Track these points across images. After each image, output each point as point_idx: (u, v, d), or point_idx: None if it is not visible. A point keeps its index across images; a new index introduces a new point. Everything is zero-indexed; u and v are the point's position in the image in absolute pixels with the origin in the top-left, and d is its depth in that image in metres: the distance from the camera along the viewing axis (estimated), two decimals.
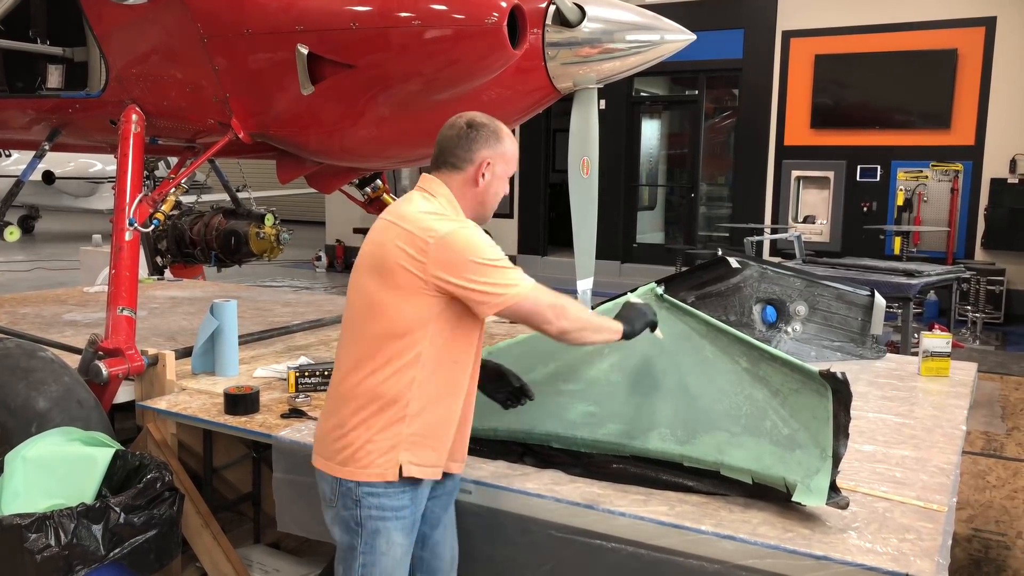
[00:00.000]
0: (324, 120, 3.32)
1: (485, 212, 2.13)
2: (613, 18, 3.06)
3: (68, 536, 2.15)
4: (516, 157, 2.14)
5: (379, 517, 1.97)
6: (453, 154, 2.06)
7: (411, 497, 2.00)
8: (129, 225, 3.28)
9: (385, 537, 1.97)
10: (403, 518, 1.99)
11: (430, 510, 2.13)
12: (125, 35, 3.61)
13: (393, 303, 1.95)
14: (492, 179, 2.09)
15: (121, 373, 2.97)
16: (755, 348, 2.29)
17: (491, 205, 2.13)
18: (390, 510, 1.97)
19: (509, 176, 2.14)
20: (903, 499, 2.20)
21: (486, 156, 2.06)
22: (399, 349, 1.95)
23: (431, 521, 2.14)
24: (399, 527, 1.99)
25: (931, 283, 5.88)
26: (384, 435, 1.96)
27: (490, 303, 1.95)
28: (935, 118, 9.41)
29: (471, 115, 2.11)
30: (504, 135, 2.10)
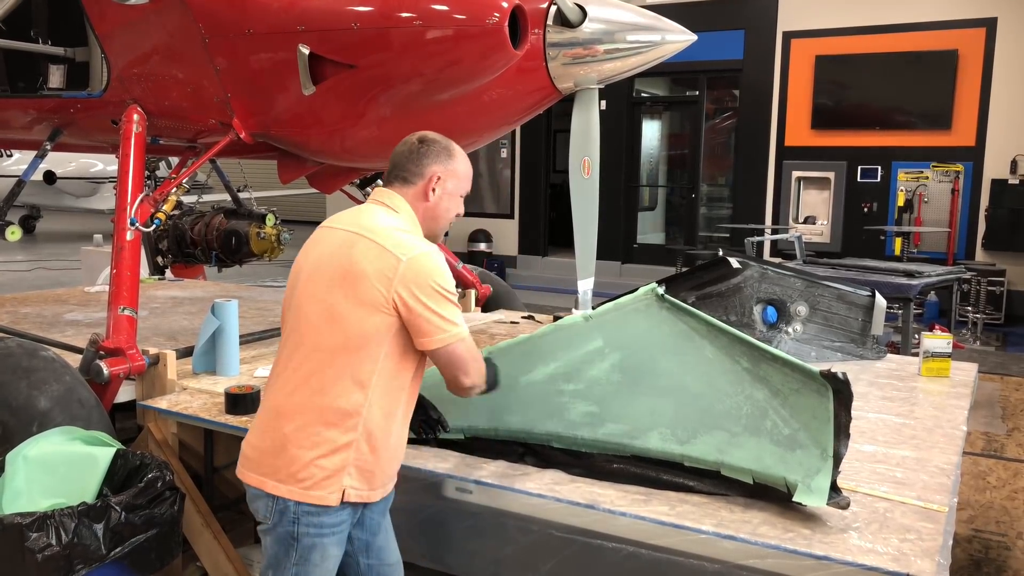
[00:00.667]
0: (325, 120, 3.32)
1: (436, 228, 2.14)
2: (614, 18, 3.06)
3: (69, 535, 2.15)
4: (469, 176, 2.16)
5: (316, 534, 1.94)
6: (405, 168, 2.09)
7: (350, 513, 2.00)
8: (130, 225, 3.28)
9: (320, 551, 1.96)
10: (339, 532, 1.99)
11: (369, 518, 2.11)
12: (126, 35, 3.61)
13: (355, 317, 1.91)
14: (443, 194, 2.10)
15: (122, 372, 2.97)
16: (756, 348, 2.29)
17: (443, 221, 2.14)
18: (328, 527, 1.95)
19: (461, 194, 2.15)
20: (904, 499, 2.20)
21: (436, 171, 2.08)
22: (353, 365, 1.91)
23: (371, 528, 2.12)
24: (335, 541, 1.98)
25: (931, 284, 5.88)
26: (329, 458, 1.92)
27: (433, 336, 1.93)
28: (936, 119, 9.41)
29: (424, 133, 2.14)
30: (455, 153, 2.12)
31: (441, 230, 2.16)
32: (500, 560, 2.26)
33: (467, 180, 2.16)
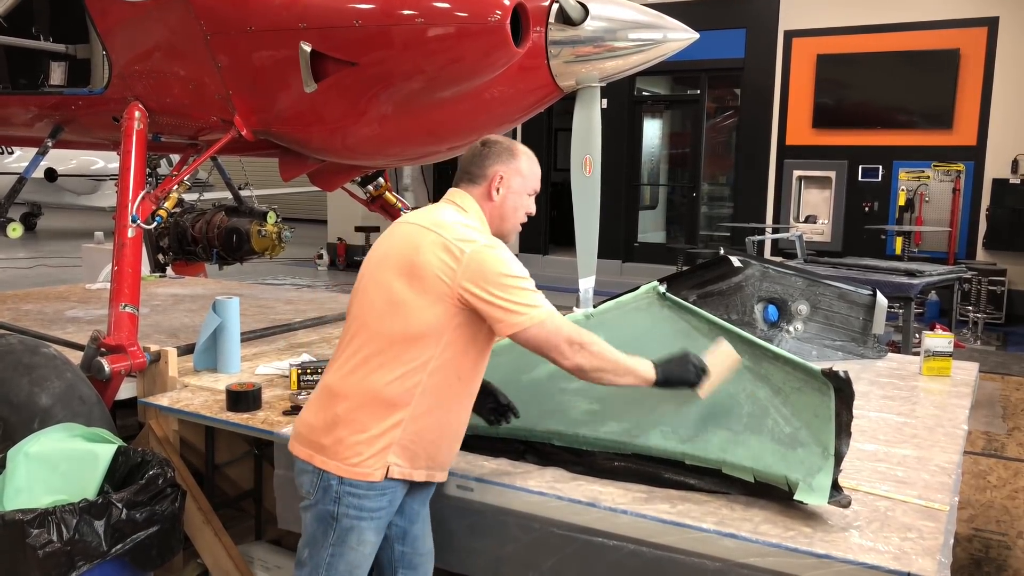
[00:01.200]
0: (327, 118, 3.32)
1: (505, 228, 2.18)
2: (616, 16, 3.05)
3: (70, 532, 2.15)
4: (535, 174, 2.19)
5: (356, 516, 1.99)
6: (468, 171, 2.16)
7: (390, 499, 2.03)
8: (132, 222, 3.28)
9: (357, 535, 2.00)
10: (379, 519, 2.02)
11: (409, 506, 2.15)
12: (128, 32, 3.61)
13: (416, 305, 1.97)
14: (508, 193, 2.14)
15: (123, 369, 2.97)
16: (757, 346, 2.29)
17: (511, 221, 2.18)
18: (367, 511, 2.00)
19: (529, 193, 2.19)
20: (905, 498, 2.20)
21: (499, 170, 2.13)
22: (411, 352, 1.98)
23: (410, 516, 2.17)
24: (373, 527, 2.02)
25: (932, 283, 5.88)
26: (379, 436, 1.98)
27: (509, 321, 1.97)
28: (937, 118, 9.40)
29: (488, 136, 2.22)
30: (519, 152, 2.17)
31: (511, 229, 2.19)
32: (501, 558, 2.26)
33: (533, 178, 2.19)
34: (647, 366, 2.08)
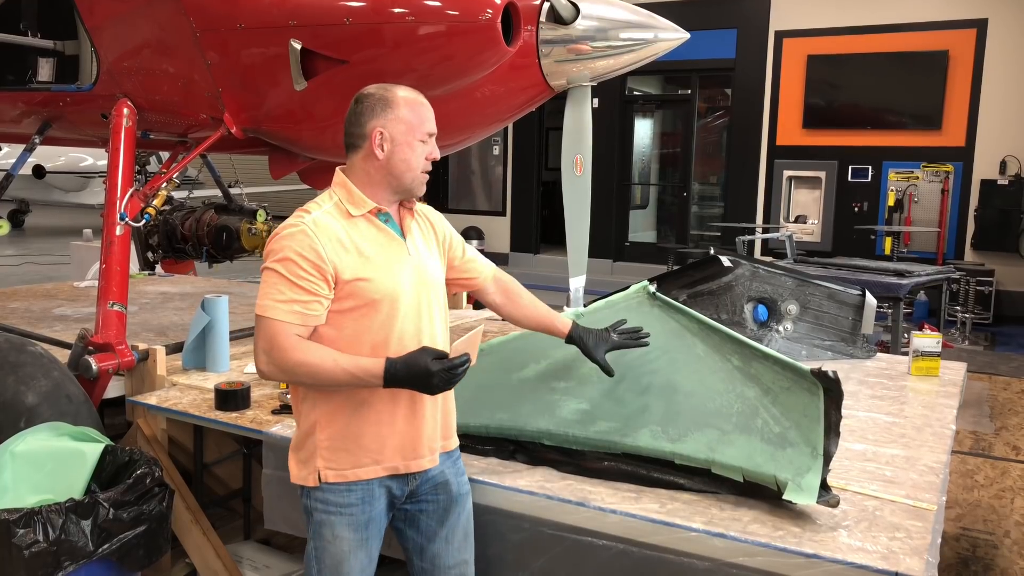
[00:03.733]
0: (317, 116, 3.31)
1: (404, 184, 2.01)
2: (607, 16, 3.05)
3: (56, 532, 2.14)
4: (423, 117, 2.00)
5: (323, 511, 2.00)
6: (350, 134, 2.02)
7: (361, 496, 1.99)
8: (120, 220, 3.26)
9: (330, 529, 1.99)
10: (350, 515, 1.99)
11: (422, 521, 2.11)
12: (117, 28, 3.59)
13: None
14: (393, 147, 1.97)
15: (111, 368, 2.96)
16: (746, 346, 2.30)
17: (407, 175, 2.00)
18: (335, 506, 1.99)
19: (420, 139, 1.99)
20: (893, 498, 2.21)
21: (376, 126, 1.97)
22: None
23: (425, 532, 2.11)
24: (346, 523, 1.99)
25: (921, 283, 5.91)
26: (307, 440, 2.00)
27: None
28: (926, 119, 9.45)
29: (362, 90, 2.03)
30: (396, 100, 1.98)
31: (411, 183, 2.02)
32: (490, 558, 2.26)
33: (421, 122, 2.00)
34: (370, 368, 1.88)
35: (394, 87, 2.03)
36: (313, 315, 1.91)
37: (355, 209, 1.99)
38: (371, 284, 1.94)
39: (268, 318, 1.89)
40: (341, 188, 2.03)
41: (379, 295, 1.95)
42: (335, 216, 1.98)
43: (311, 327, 1.93)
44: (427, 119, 2.03)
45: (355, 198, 2.00)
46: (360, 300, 1.94)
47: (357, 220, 1.99)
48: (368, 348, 1.95)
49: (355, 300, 1.94)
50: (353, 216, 1.99)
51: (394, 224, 2.06)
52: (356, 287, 1.94)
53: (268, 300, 1.90)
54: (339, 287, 1.93)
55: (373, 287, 1.95)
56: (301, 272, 1.89)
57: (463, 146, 3.92)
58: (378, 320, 1.96)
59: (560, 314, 2.34)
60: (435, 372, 1.85)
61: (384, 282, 1.96)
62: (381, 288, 1.96)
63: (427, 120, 2.02)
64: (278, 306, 1.89)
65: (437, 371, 1.85)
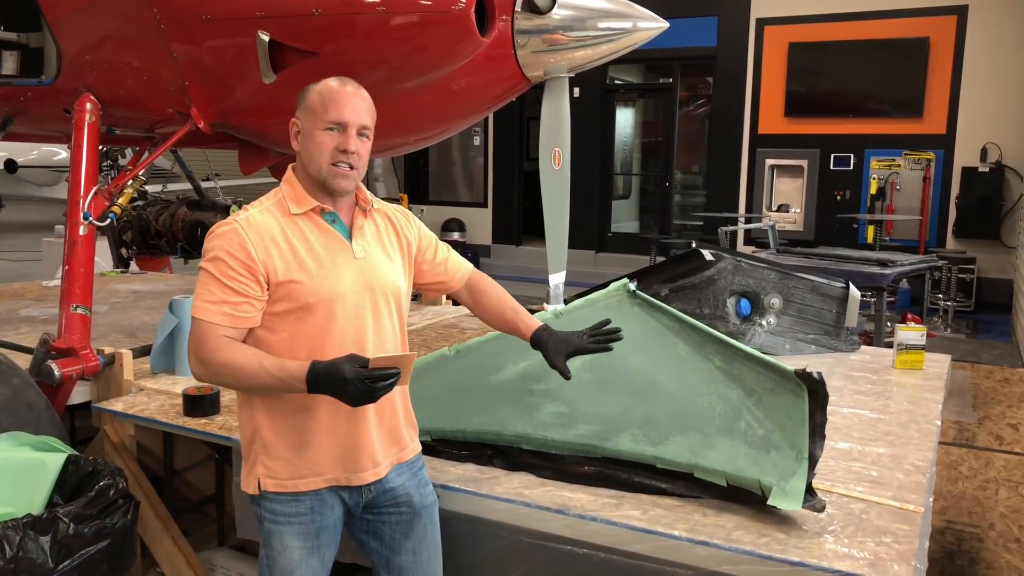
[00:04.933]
0: (287, 109, 3.13)
1: (317, 176, 1.89)
2: (584, 5, 2.98)
3: (13, 549, 2.04)
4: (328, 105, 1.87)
5: (272, 520, 1.93)
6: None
7: (310, 506, 1.93)
8: (84, 219, 3.15)
9: (279, 539, 1.92)
10: (300, 523, 1.92)
11: (385, 533, 2.03)
12: (78, 20, 3.47)
13: None
14: (303, 137, 1.91)
15: (75, 374, 2.86)
16: (729, 346, 2.24)
17: (311, 165, 1.89)
18: (282, 515, 1.92)
19: (324, 126, 1.87)
20: (879, 499, 2.15)
21: (294, 118, 1.95)
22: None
23: (390, 544, 2.03)
24: (294, 532, 1.92)
25: (904, 272, 5.88)
26: (248, 448, 1.95)
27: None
28: (908, 107, 9.44)
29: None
30: (309, 90, 1.92)
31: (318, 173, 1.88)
32: (468, 567, 2.19)
33: (325, 109, 1.87)
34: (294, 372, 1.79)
35: (326, 80, 1.94)
36: (244, 316, 1.84)
37: (296, 207, 1.91)
38: (304, 287, 1.85)
39: (198, 319, 1.84)
40: (287, 184, 1.95)
41: (313, 298, 1.86)
42: (274, 214, 1.90)
43: (243, 329, 1.85)
44: (334, 107, 1.88)
45: (298, 195, 1.92)
46: (294, 303, 1.86)
47: (298, 219, 1.90)
48: (304, 353, 1.85)
49: (289, 303, 1.86)
50: (294, 214, 1.90)
51: (341, 224, 1.95)
52: (290, 289, 1.85)
53: (199, 301, 1.85)
54: (273, 288, 1.85)
55: (306, 290, 1.86)
56: (231, 272, 1.82)
57: (440, 139, 3.84)
58: (315, 324, 1.87)
59: (529, 315, 2.25)
60: (350, 380, 1.73)
61: (320, 285, 1.87)
62: (316, 291, 1.86)
63: (333, 108, 1.88)
64: (208, 307, 1.83)
65: (352, 379, 1.73)
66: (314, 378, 1.77)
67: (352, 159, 1.89)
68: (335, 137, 1.88)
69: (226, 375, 1.83)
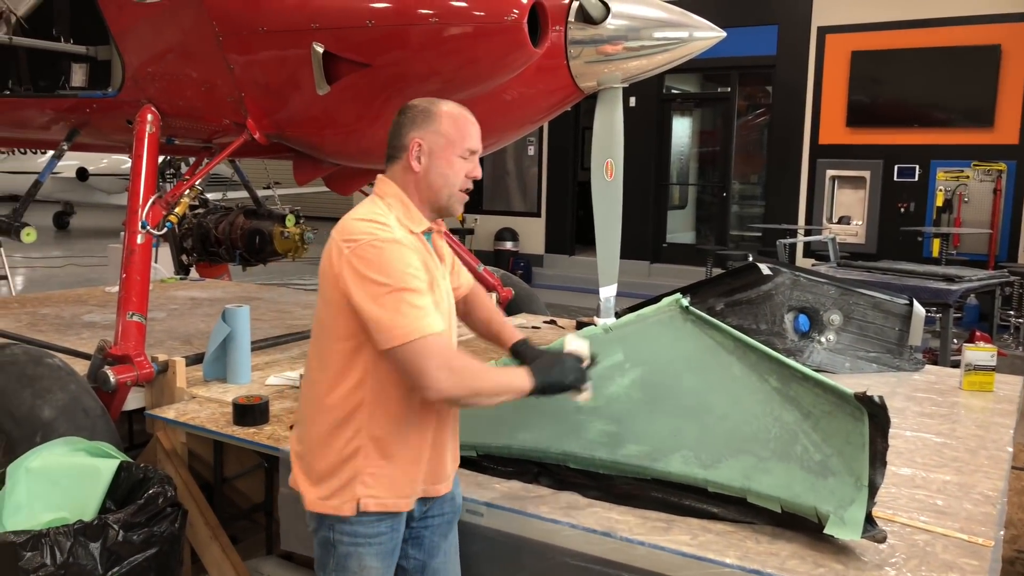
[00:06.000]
0: (340, 121, 3.23)
1: (440, 200, 1.91)
2: (639, 14, 2.93)
3: (64, 555, 2.08)
4: (465, 133, 1.90)
5: (351, 543, 1.88)
6: (391, 145, 1.93)
7: (389, 525, 1.90)
8: (142, 228, 3.21)
9: (357, 561, 1.88)
10: (379, 544, 1.89)
11: (427, 538, 2.03)
12: (141, 33, 3.56)
13: (329, 317, 1.84)
14: (430, 161, 1.87)
15: (129, 380, 2.90)
16: (786, 367, 2.15)
17: (443, 190, 1.90)
18: (363, 537, 1.88)
19: (460, 154, 1.89)
20: (945, 531, 2.05)
21: (415, 137, 1.88)
22: (342, 368, 1.83)
23: (428, 550, 2.03)
24: (373, 552, 1.89)
25: (972, 288, 5.65)
26: (341, 468, 1.85)
27: (377, 338, 1.74)
28: (977, 116, 9.12)
29: (409, 102, 1.96)
30: (439, 112, 1.89)
31: (448, 200, 1.91)
32: None
33: (462, 137, 1.89)
34: (521, 378, 1.86)
35: (440, 101, 1.95)
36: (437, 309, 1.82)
37: (414, 227, 1.88)
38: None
39: (426, 337, 1.72)
40: (400, 203, 1.88)
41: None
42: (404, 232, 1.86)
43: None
44: (470, 135, 1.92)
45: (413, 215, 1.89)
46: None
47: (414, 237, 1.88)
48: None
49: None
50: (413, 234, 1.88)
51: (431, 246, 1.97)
52: None
53: (408, 321, 1.72)
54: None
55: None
56: (418, 282, 1.77)
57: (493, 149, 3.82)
58: None
59: (512, 329, 2.22)
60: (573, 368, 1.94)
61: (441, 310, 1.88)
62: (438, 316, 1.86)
63: (469, 136, 1.92)
64: (427, 322, 1.74)
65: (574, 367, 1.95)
66: (545, 372, 1.89)
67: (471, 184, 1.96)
68: (467, 164, 1.92)
69: (477, 385, 1.80)
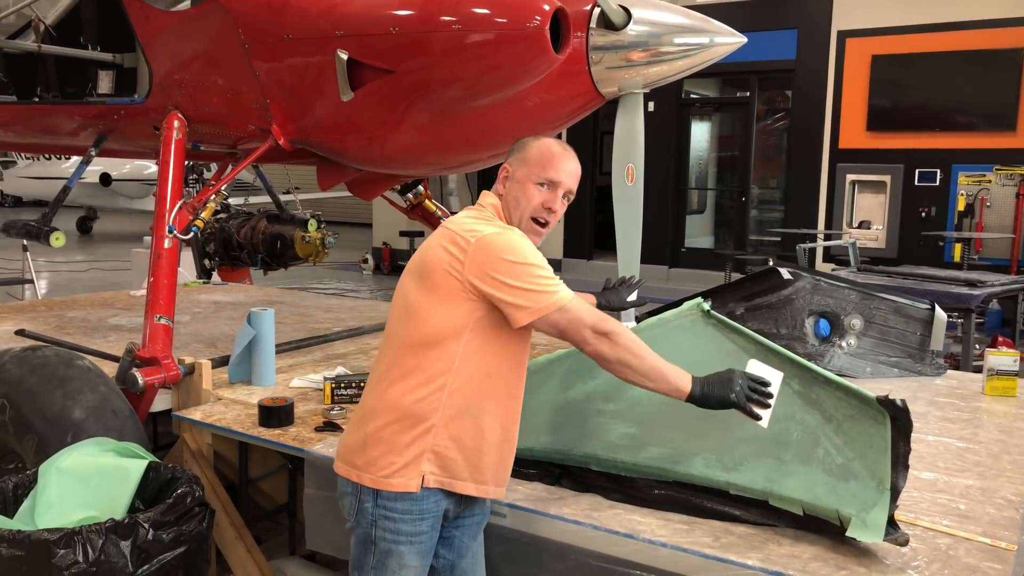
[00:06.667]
0: (364, 127, 3.27)
1: (519, 219, 2.03)
2: (660, 20, 2.94)
3: (96, 552, 2.12)
4: (545, 162, 2.03)
5: (393, 540, 1.92)
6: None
7: (431, 524, 1.94)
8: (169, 232, 3.27)
9: (397, 559, 1.93)
10: (419, 543, 1.94)
11: (457, 539, 2.06)
12: (168, 41, 3.61)
13: (429, 306, 1.91)
14: (512, 184, 2.04)
15: (157, 382, 2.95)
16: (807, 370, 2.16)
17: (515, 212, 2.03)
18: (405, 535, 1.92)
19: (537, 181, 2.02)
20: (968, 535, 2.05)
21: (505, 164, 2.07)
22: (431, 356, 1.90)
23: (459, 550, 2.06)
24: (413, 551, 1.93)
25: (995, 293, 5.61)
26: (409, 445, 1.91)
27: (522, 308, 1.86)
28: (999, 120, 9.05)
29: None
30: (527, 144, 2.07)
31: (518, 222, 2.02)
32: None
33: (542, 166, 2.02)
34: (683, 376, 1.92)
35: (545, 137, 2.11)
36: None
37: None
38: None
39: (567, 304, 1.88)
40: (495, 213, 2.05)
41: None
42: None
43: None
44: (551, 165, 2.03)
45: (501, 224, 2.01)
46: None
47: None
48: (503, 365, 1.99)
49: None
50: None
51: None
52: None
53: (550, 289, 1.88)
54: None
55: None
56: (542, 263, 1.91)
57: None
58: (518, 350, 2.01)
59: None
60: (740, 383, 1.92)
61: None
62: None
63: (550, 166, 2.02)
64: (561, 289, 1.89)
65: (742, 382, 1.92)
66: (709, 383, 1.91)
67: (550, 217, 2.04)
68: (544, 193, 2.02)
69: (630, 351, 1.89)
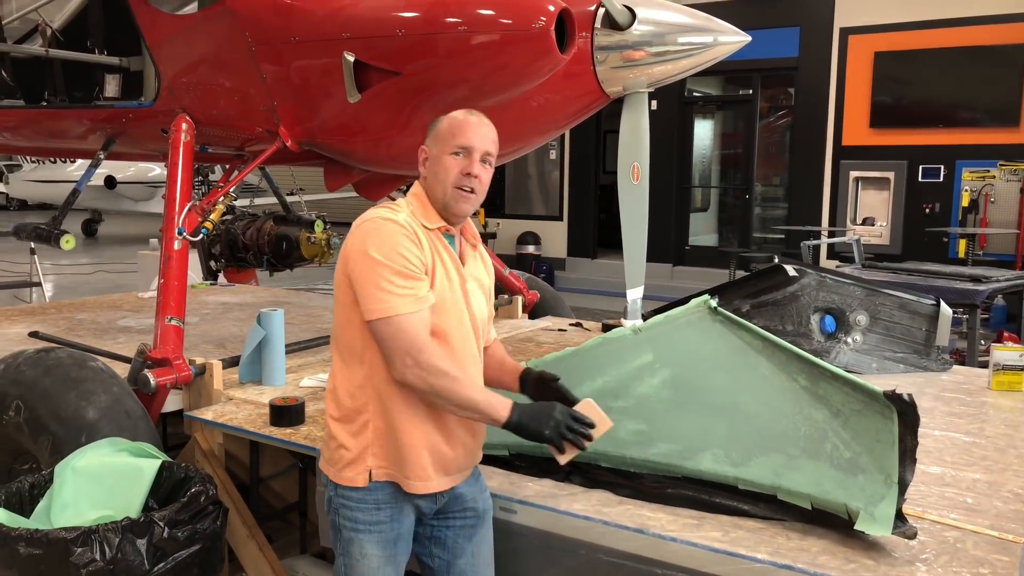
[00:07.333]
0: (370, 128, 3.29)
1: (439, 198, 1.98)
2: (664, 20, 2.96)
3: (113, 551, 2.15)
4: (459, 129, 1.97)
5: (352, 528, 1.97)
6: None
7: (390, 514, 1.96)
8: (178, 234, 3.29)
9: (358, 547, 1.96)
10: (378, 532, 1.96)
11: (451, 539, 2.07)
12: (176, 44, 3.64)
13: (341, 302, 1.95)
14: (430, 162, 2.00)
15: (169, 383, 2.98)
16: (814, 365, 2.18)
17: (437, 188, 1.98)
18: (363, 523, 1.96)
19: (451, 151, 1.96)
20: (976, 528, 2.06)
21: (422, 147, 2.04)
22: (352, 352, 1.95)
23: (452, 550, 2.07)
24: (374, 540, 1.96)
25: (1000, 289, 5.62)
26: (353, 442, 1.95)
27: (363, 307, 1.86)
28: (1003, 115, 9.05)
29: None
30: (441, 120, 2.02)
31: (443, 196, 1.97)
32: None
33: (452, 135, 1.97)
34: (500, 406, 1.90)
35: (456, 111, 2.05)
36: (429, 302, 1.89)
37: (428, 223, 1.98)
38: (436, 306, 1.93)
39: (396, 315, 1.83)
40: (416, 200, 2.01)
41: (441, 320, 1.93)
42: (415, 223, 1.95)
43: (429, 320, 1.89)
44: (461, 132, 1.98)
45: (428, 212, 1.99)
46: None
47: (431, 233, 1.97)
48: None
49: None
50: (428, 229, 1.97)
51: (454, 249, 2.04)
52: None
53: (384, 295, 1.84)
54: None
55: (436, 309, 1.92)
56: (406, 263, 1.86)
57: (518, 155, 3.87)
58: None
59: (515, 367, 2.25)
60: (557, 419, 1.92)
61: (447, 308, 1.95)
62: (443, 313, 1.94)
63: (460, 134, 1.98)
64: (398, 300, 1.84)
65: (559, 418, 1.92)
66: (528, 413, 1.92)
67: (474, 183, 1.98)
68: (460, 161, 1.97)
69: (440, 385, 1.85)
